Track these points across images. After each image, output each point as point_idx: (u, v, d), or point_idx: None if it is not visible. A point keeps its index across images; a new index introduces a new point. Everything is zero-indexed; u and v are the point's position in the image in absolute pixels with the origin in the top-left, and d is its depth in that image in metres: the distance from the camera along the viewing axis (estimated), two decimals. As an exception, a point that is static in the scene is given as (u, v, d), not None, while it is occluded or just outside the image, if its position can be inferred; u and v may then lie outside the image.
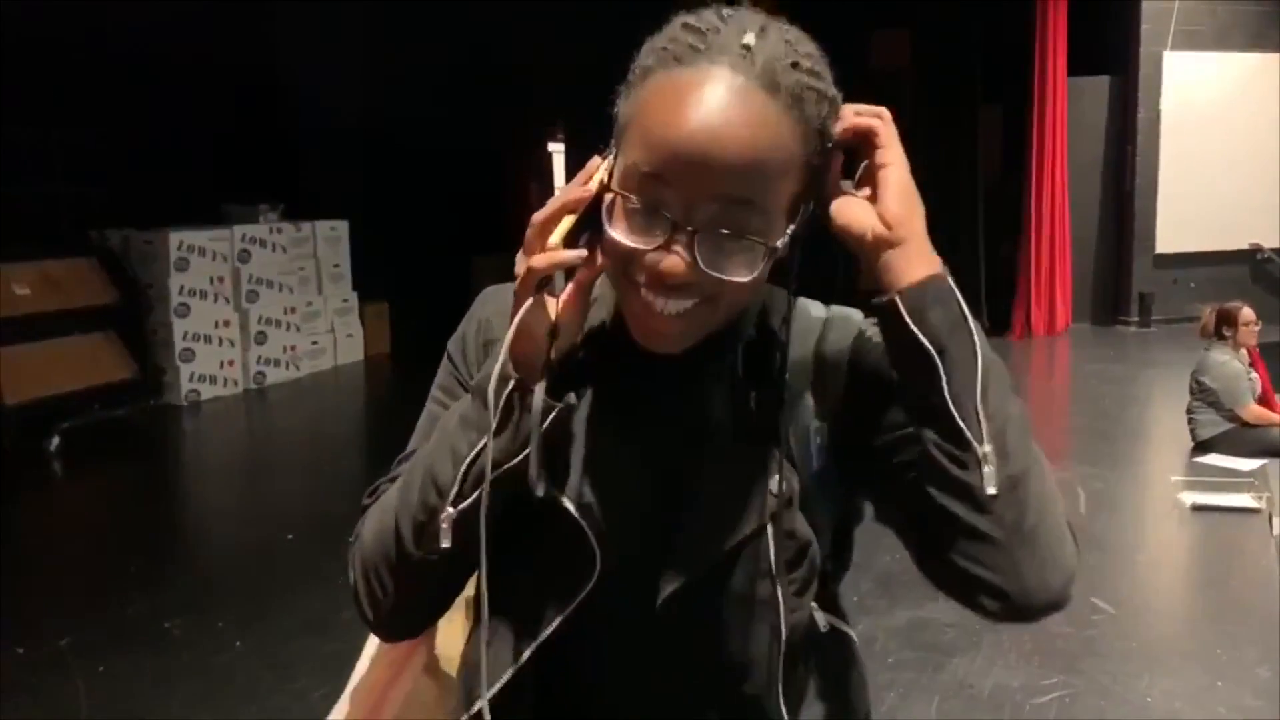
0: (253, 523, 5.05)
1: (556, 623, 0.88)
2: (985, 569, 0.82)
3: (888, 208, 0.84)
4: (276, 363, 7.83)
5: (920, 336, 0.81)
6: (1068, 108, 9.19)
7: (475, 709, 0.89)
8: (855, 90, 0.88)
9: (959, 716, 3.00)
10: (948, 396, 0.81)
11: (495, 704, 0.88)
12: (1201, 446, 5.41)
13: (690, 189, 0.79)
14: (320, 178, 9.07)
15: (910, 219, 0.84)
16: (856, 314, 0.98)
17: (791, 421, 0.92)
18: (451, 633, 1.08)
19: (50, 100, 7.01)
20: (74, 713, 3.13)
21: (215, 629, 3.64)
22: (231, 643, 3.54)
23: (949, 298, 0.83)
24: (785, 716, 0.91)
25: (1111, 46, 9.21)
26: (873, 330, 0.94)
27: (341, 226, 8.42)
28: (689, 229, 0.80)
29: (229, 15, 8.02)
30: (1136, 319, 9.30)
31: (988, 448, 0.80)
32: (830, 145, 0.84)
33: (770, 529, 0.89)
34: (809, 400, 0.94)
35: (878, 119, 0.86)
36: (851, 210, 0.86)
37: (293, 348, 7.97)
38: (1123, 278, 9.44)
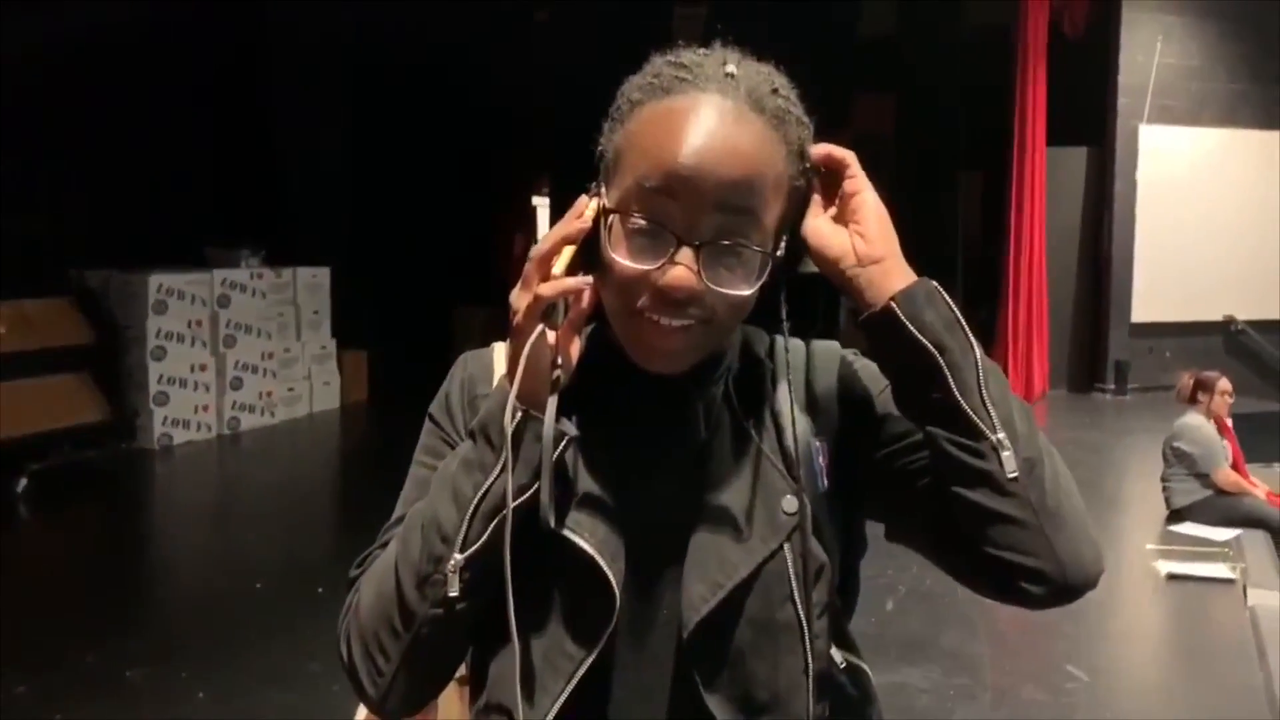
0: (221, 571, 4.97)
1: (589, 662, 0.85)
2: (1019, 554, 0.83)
3: (868, 228, 0.88)
4: (252, 408, 7.76)
5: (920, 338, 0.84)
6: (1047, 177, 9.33)
7: None
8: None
9: (932, 784, 2.97)
10: (955, 391, 0.83)
11: None
12: (1176, 515, 5.42)
13: (694, 201, 0.82)
14: (304, 224, 9.07)
15: (888, 238, 0.89)
16: (835, 344, 1.01)
17: (793, 443, 0.91)
18: (444, 712, 1.04)
19: (33, 138, 7.00)
20: (28, 763, 3.06)
21: (178, 678, 3.57)
22: (194, 693, 3.46)
23: (938, 298, 0.87)
24: None
25: (1089, 118, 9.39)
26: (854, 356, 1.00)
27: (323, 273, 8.41)
28: (694, 243, 0.82)
29: (215, 58, 8.08)
30: (1113, 387, 9.37)
31: (1000, 434, 0.82)
32: (809, 167, 0.89)
33: (788, 549, 0.88)
34: (805, 421, 0.95)
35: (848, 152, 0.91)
36: (826, 233, 0.90)
37: (269, 394, 7.91)
38: (1099, 345, 9.52)
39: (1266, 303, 9.35)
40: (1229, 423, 5.65)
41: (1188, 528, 5.29)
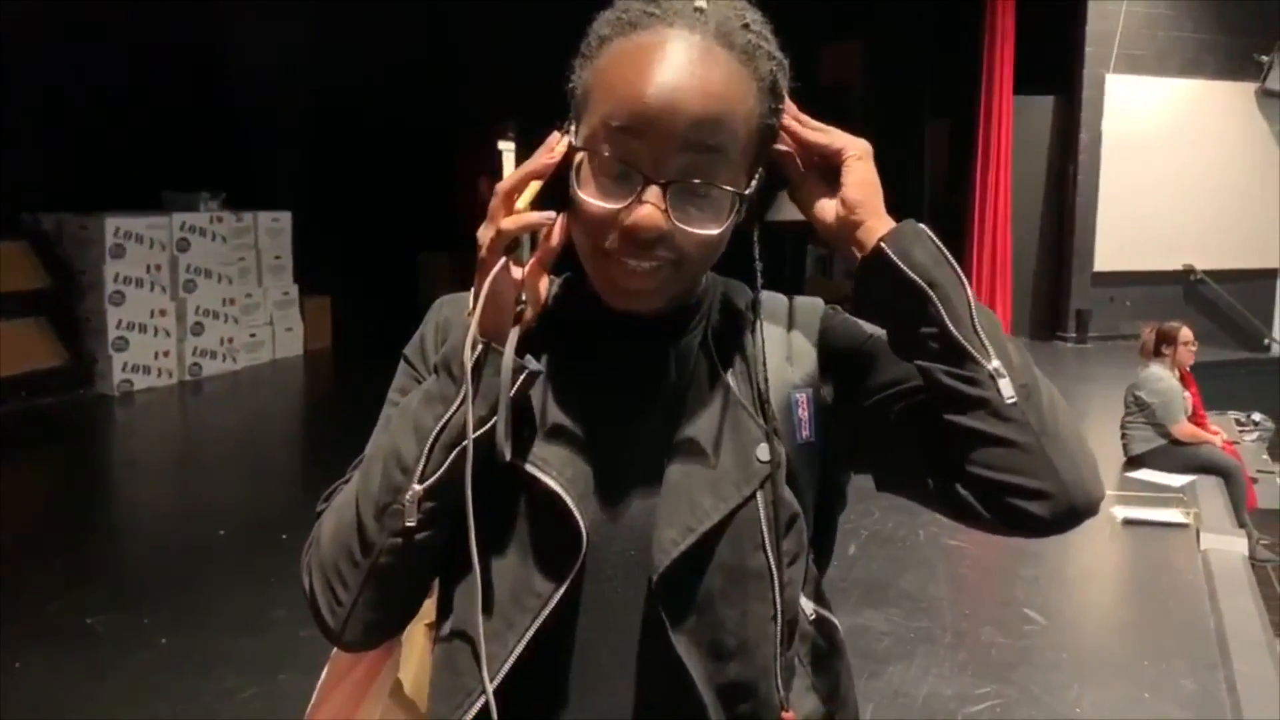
0: (183, 518, 4.94)
1: (556, 600, 0.86)
2: (1021, 475, 0.83)
3: (847, 195, 0.89)
4: (213, 354, 7.68)
5: (911, 275, 0.85)
6: (1013, 126, 9.35)
7: (484, 695, 0.84)
8: (805, 102, 0.93)
9: (892, 724, 3.03)
10: (948, 324, 0.84)
11: (498, 691, 0.85)
12: (1133, 461, 5.52)
13: (660, 140, 0.81)
14: (264, 168, 8.92)
15: (869, 200, 0.89)
16: (818, 299, 1.02)
17: (771, 391, 0.92)
18: (415, 661, 1.05)
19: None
20: (-11, 710, 3.04)
21: (140, 626, 3.55)
22: (157, 640, 3.45)
23: (926, 237, 0.88)
24: (783, 700, 0.89)
25: (1057, 67, 9.38)
26: (835, 310, 1.01)
27: (284, 217, 8.28)
28: (661, 181, 0.82)
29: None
30: (1074, 335, 9.47)
31: (996, 362, 0.84)
32: (781, 106, 0.88)
33: (760, 496, 0.88)
34: (787, 372, 0.95)
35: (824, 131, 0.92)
36: (817, 202, 0.92)
37: (230, 340, 7.82)
38: (1061, 294, 9.60)
39: (1225, 253, 9.46)
40: (1191, 373, 5.74)
41: (1144, 474, 5.38)
